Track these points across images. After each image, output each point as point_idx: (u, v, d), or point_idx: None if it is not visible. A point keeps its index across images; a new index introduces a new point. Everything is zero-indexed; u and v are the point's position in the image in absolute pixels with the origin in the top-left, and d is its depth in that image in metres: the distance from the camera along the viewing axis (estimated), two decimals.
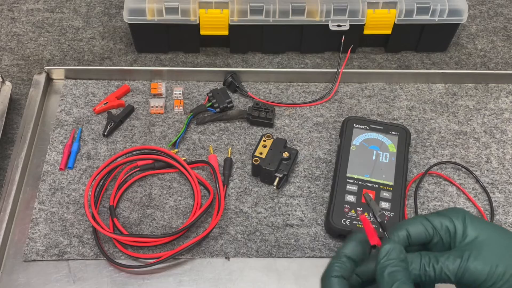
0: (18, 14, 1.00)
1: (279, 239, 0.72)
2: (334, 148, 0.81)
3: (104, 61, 0.93)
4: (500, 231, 0.54)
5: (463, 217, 0.54)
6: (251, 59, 0.94)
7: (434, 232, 0.54)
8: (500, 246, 0.52)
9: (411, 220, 0.55)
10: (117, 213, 0.73)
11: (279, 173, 0.75)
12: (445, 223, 0.54)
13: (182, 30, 0.89)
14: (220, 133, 0.82)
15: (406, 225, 0.55)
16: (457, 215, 0.54)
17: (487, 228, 0.53)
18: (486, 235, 0.52)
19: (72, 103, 0.85)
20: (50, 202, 0.74)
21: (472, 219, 0.54)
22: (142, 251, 0.70)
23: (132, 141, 0.81)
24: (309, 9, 0.87)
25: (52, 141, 0.81)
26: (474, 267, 0.50)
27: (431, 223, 0.54)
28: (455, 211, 0.55)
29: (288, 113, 0.85)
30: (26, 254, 0.70)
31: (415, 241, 0.54)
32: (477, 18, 1.03)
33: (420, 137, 0.83)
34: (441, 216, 0.54)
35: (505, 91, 0.89)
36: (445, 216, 0.54)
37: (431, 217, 0.55)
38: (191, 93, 0.87)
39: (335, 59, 0.94)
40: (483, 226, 0.53)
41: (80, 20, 0.99)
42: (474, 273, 0.50)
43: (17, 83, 0.90)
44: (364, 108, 0.86)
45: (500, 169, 0.80)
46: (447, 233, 0.54)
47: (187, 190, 0.76)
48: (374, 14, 0.88)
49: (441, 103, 0.87)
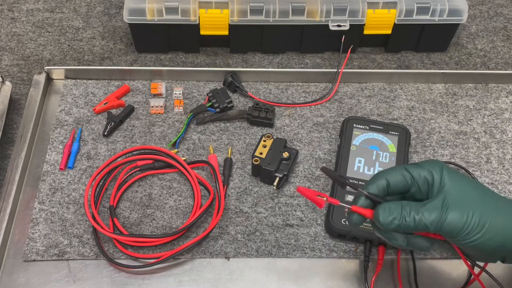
0: (18, 14, 1.00)
1: (279, 239, 0.72)
2: (334, 148, 0.81)
3: (104, 61, 0.93)
4: (474, 183, 0.56)
5: (441, 168, 0.56)
6: (251, 59, 0.94)
7: (412, 182, 0.56)
8: (474, 197, 0.54)
9: (390, 170, 0.57)
10: (117, 213, 0.73)
11: (279, 173, 0.75)
12: (423, 173, 0.56)
13: (182, 30, 0.89)
14: (220, 133, 0.82)
15: (385, 175, 0.57)
16: (435, 166, 0.56)
17: (462, 180, 0.55)
18: (461, 187, 0.54)
19: (72, 103, 0.85)
20: (50, 202, 0.74)
21: (449, 171, 0.56)
22: (142, 251, 0.70)
23: (132, 141, 0.81)
24: (309, 9, 0.87)
25: (52, 141, 0.81)
26: (451, 218, 0.53)
27: (410, 173, 0.56)
28: (433, 163, 0.57)
29: (288, 113, 0.85)
30: (26, 254, 0.70)
31: (394, 190, 0.57)
32: (477, 18, 1.03)
33: (420, 137, 0.83)
34: (420, 167, 0.56)
35: (505, 91, 0.89)
36: (423, 168, 0.56)
37: (410, 167, 0.57)
38: (191, 93, 0.87)
39: (335, 59, 0.94)
40: (459, 178, 0.55)
41: (80, 20, 0.99)
42: (451, 223, 0.52)
43: (17, 83, 0.90)
44: (364, 108, 0.86)
45: (500, 169, 0.80)
46: (425, 183, 0.56)
47: (187, 190, 0.76)
48: (374, 14, 0.88)
49: (441, 103, 0.87)
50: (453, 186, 0.54)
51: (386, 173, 0.57)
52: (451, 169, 0.56)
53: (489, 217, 0.52)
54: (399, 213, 0.53)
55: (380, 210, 0.54)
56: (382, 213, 0.54)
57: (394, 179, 0.56)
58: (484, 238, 0.52)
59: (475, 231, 0.52)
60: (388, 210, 0.54)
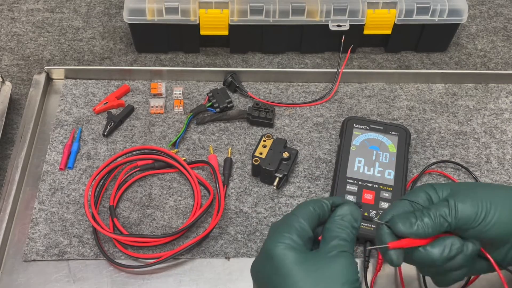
0: (18, 14, 1.00)
1: None
2: (334, 148, 0.81)
3: (104, 61, 0.93)
4: (470, 183, 0.57)
5: (432, 187, 0.56)
6: (251, 59, 0.94)
7: (414, 206, 0.56)
8: (479, 188, 0.54)
9: (394, 207, 0.57)
10: (117, 213, 0.73)
11: (279, 173, 0.75)
12: (421, 196, 0.56)
13: (182, 30, 0.89)
14: (220, 133, 0.82)
15: (391, 211, 0.56)
16: (426, 187, 0.56)
17: (458, 184, 0.56)
18: (460, 188, 0.55)
19: (72, 103, 0.85)
20: (50, 202, 0.74)
21: (440, 184, 0.56)
22: (142, 251, 0.70)
23: (132, 141, 0.81)
24: (309, 9, 0.87)
25: (52, 141, 0.81)
26: (462, 209, 0.52)
27: (409, 201, 0.56)
28: (423, 186, 0.57)
29: (288, 113, 0.85)
30: (26, 254, 0.70)
31: None
32: (477, 18, 1.03)
33: (420, 137, 0.83)
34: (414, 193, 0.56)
35: (505, 91, 0.89)
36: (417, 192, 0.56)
37: (408, 196, 0.57)
38: (191, 93, 0.87)
39: (335, 59, 0.94)
40: (453, 184, 0.56)
41: (80, 20, 0.99)
42: (465, 214, 0.52)
43: (17, 83, 0.90)
44: (364, 108, 0.86)
45: (500, 169, 0.80)
46: (426, 202, 0.56)
47: (187, 190, 0.76)
48: (374, 14, 0.88)
49: (441, 103, 0.87)
50: (456, 186, 0.55)
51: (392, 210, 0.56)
52: (442, 183, 0.57)
53: (500, 202, 0.52)
54: (415, 217, 0.53)
55: (397, 219, 0.53)
56: (401, 222, 0.53)
57: (399, 212, 0.55)
58: (497, 223, 0.52)
59: (488, 218, 0.52)
60: (405, 217, 0.53)
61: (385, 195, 0.73)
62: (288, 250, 0.49)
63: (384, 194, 0.73)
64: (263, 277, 0.50)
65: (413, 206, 0.55)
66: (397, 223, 0.53)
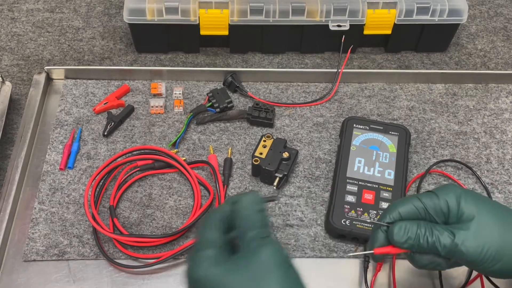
0: (18, 14, 1.00)
1: (279, 239, 0.72)
2: (334, 148, 0.81)
3: (104, 61, 0.93)
4: (496, 210, 0.54)
5: (458, 196, 0.54)
6: (251, 59, 0.94)
7: (425, 213, 0.54)
8: (493, 229, 0.52)
9: (403, 201, 0.55)
10: (117, 213, 0.73)
11: (279, 173, 0.75)
12: (438, 204, 0.54)
13: (182, 30, 0.89)
14: (220, 133, 0.82)
15: (397, 206, 0.55)
16: (451, 194, 0.54)
17: (482, 208, 0.53)
18: (481, 217, 0.52)
19: (72, 103, 0.85)
20: (50, 202, 0.74)
21: (466, 198, 0.53)
22: (142, 251, 0.70)
23: (132, 141, 0.81)
24: (309, 9, 0.87)
25: (52, 141, 0.81)
26: (465, 249, 0.51)
27: (423, 205, 0.54)
28: (449, 190, 0.55)
29: (288, 113, 0.85)
30: (26, 254, 0.70)
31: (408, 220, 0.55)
32: (477, 18, 1.03)
33: (420, 137, 0.83)
34: (434, 196, 0.54)
35: (505, 91, 0.89)
36: (438, 197, 0.54)
37: (424, 197, 0.55)
38: (191, 93, 0.87)
39: (335, 59, 0.94)
40: (479, 204, 0.53)
41: (80, 20, 0.99)
42: (465, 254, 0.51)
43: (17, 83, 0.90)
44: (364, 108, 0.86)
45: (500, 169, 0.80)
46: (440, 214, 0.54)
47: (187, 190, 0.76)
48: (374, 14, 0.88)
49: (441, 103, 0.87)
50: (472, 215, 0.53)
51: (399, 205, 0.55)
52: (470, 195, 0.54)
53: (508, 250, 0.51)
54: (414, 233, 0.52)
55: (395, 228, 0.53)
56: (398, 232, 0.53)
57: (406, 211, 0.55)
58: (500, 267, 0.51)
59: (490, 263, 0.51)
60: (403, 229, 0.53)
61: (385, 195, 0.73)
62: (209, 267, 0.45)
63: (384, 194, 0.73)
64: None
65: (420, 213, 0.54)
66: (393, 232, 0.53)
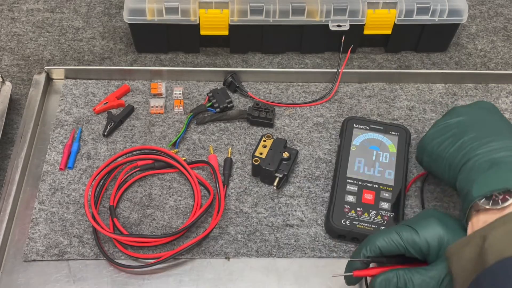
0: (18, 14, 1.00)
1: (279, 239, 0.72)
2: (334, 148, 0.81)
3: (104, 61, 0.93)
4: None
5: (440, 237, 0.54)
6: (251, 59, 0.94)
7: (405, 250, 0.55)
8: None
9: (383, 235, 0.56)
10: (117, 213, 0.73)
11: (279, 173, 0.75)
12: (418, 244, 0.54)
13: (182, 30, 0.89)
14: (220, 133, 0.82)
15: (377, 240, 0.56)
16: (433, 234, 0.54)
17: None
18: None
19: (72, 103, 0.85)
20: (50, 202, 0.74)
21: (450, 240, 0.53)
22: (142, 251, 0.70)
23: (132, 141, 0.81)
24: (309, 9, 0.87)
25: (52, 141, 0.81)
26: None
27: (403, 242, 0.55)
28: (430, 227, 0.55)
29: (288, 113, 0.85)
30: (26, 254, 0.70)
31: (388, 254, 0.56)
32: (477, 18, 1.03)
33: (420, 137, 0.83)
34: (415, 234, 0.55)
35: (505, 91, 0.89)
36: (419, 235, 0.54)
37: (404, 233, 0.55)
38: (191, 93, 0.87)
39: (335, 59, 0.94)
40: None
41: (80, 20, 0.99)
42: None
43: (17, 83, 0.90)
44: (364, 108, 0.86)
45: None
46: (419, 253, 0.55)
47: (187, 190, 0.76)
48: (374, 14, 0.88)
49: (441, 103, 0.87)
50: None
51: (378, 239, 0.56)
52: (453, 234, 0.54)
53: None
54: (394, 285, 0.54)
55: (377, 283, 0.55)
56: (379, 284, 0.55)
57: (385, 247, 0.56)
58: None
59: None
60: (384, 283, 0.54)
61: (385, 195, 0.73)
62: None
63: (384, 194, 0.73)
64: None
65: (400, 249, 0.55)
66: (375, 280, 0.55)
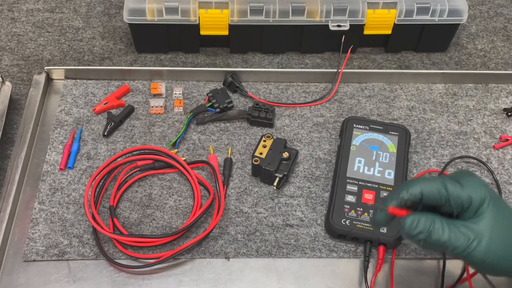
0: (18, 14, 1.00)
1: (279, 239, 0.72)
2: (334, 148, 0.81)
3: (104, 61, 0.93)
4: None
5: (483, 198, 0.52)
6: (251, 59, 0.94)
7: (447, 202, 0.52)
8: (504, 241, 0.51)
9: (429, 182, 0.53)
10: (117, 213, 0.73)
11: (279, 173, 0.75)
12: (461, 197, 0.52)
13: (182, 30, 0.89)
14: (220, 133, 0.82)
15: (421, 185, 0.53)
16: (477, 192, 0.52)
17: (503, 216, 0.52)
18: (500, 226, 0.51)
19: (72, 103, 0.85)
20: (50, 202, 0.74)
21: (491, 204, 0.52)
22: (142, 251, 0.70)
23: (132, 141, 0.81)
24: (309, 9, 0.87)
25: (52, 141, 0.81)
26: (473, 257, 0.51)
27: (447, 193, 0.52)
28: (476, 186, 0.53)
29: (288, 113, 0.85)
30: (26, 254, 0.70)
31: (426, 202, 0.53)
32: (477, 18, 1.03)
33: (420, 137, 0.83)
34: (461, 187, 0.52)
35: (505, 91, 0.89)
36: (463, 190, 0.52)
37: (450, 185, 0.53)
38: (191, 93, 0.87)
39: (335, 59, 0.94)
40: (500, 213, 0.52)
41: (80, 20, 0.99)
42: (475, 257, 0.51)
43: (17, 83, 0.90)
44: (364, 108, 0.86)
45: (500, 169, 0.80)
46: (458, 207, 0.52)
47: (187, 190, 0.76)
48: (374, 14, 0.88)
49: (441, 103, 0.87)
50: (490, 224, 0.51)
51: (423, 184, 0.53)
52: (495, 201, 0.52)
53: (508, 261, 0.50)
54: (426, 229, 0.51)
55: (407, 220, 0.51)
56: (410, 225, 0.51)
57: (429, 193, 0.53)
58: (496, 273, 0.51)
59: (490, 271, 0.51)
60: (416, 223, 0.51)
61: (385, 195, 0.73)
62: None
63: (384, 194, 0.73)
64: None
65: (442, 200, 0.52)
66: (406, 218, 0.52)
